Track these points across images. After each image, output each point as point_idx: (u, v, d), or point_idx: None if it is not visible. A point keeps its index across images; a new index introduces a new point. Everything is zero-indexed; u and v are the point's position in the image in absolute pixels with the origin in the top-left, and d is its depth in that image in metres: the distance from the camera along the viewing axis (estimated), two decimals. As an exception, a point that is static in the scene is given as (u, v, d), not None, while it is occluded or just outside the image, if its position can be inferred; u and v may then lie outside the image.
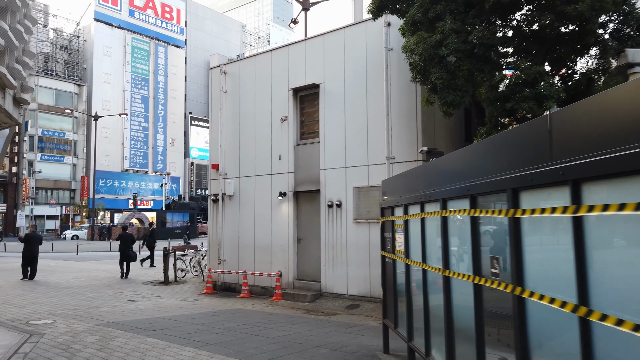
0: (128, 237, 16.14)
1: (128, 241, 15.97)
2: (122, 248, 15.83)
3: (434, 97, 7.53)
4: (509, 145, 2.90)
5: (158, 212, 38.56)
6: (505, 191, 2.72)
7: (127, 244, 15.89)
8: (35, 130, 51.92)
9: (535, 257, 2.58)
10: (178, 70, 67.14)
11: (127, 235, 16.32)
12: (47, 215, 51.07)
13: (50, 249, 29.14)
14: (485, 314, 3.10)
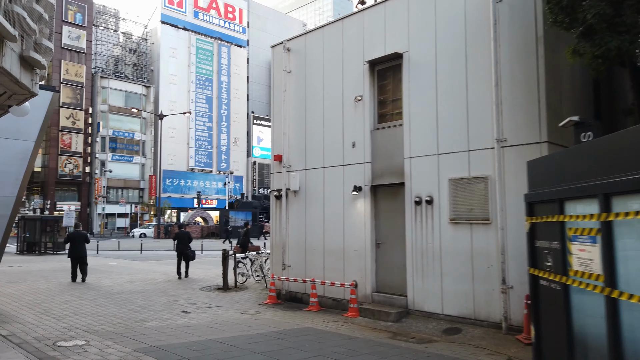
0: (185, 236, 15.06)
1: (185, 239, 14.83)
2: (179, 247, 14.71)
3: (584, 46, 5.30)
4: None
5: (221, 211, 38.09)
6: None
7: (184, 242, 14.74)
8: (107, 131, 53.69)
9: None
10: (240, 70, 67.36)
11: (184, 233, 15.27)
12: (117, 213, 52.64)
13: (116, 247, 29.23)
14: None
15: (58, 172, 50.13)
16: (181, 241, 14.86)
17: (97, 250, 25.32)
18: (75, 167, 51.36)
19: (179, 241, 14.88)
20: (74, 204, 51.67)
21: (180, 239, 14.94)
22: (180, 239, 14.94)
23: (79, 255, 13.25)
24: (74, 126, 51.65)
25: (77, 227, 15.35)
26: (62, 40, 51.31)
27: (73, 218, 21.22)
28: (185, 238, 15.01)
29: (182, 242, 14.84)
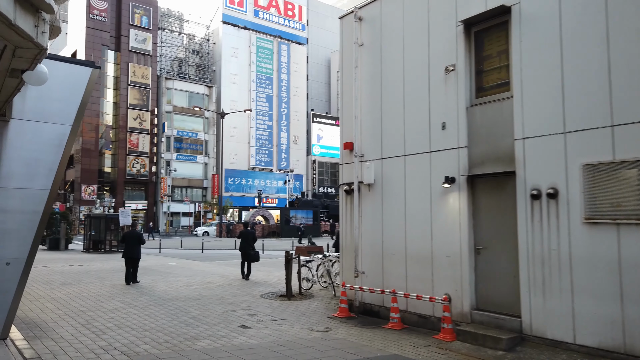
0: (249, 235, 13.93)
1: (249, 239, 13.81)
2: (243, 246, 13.72)
3: None
4: None
5: (282, 209, 37.17)
6: None
7: (248, 242, 13.75)
8: (171, 132, 54.71)
9: None
10: (300, 68, 66.64)
11: (249, 232, 14.18)
12: (182, 212, 53.46)
13: (179, 245, 29.01)
14: None
15: (126, 171, 51.70)
16: (245, 240, 13.87)
17: (160, 249, 25.04)
18: (142, 166, 52.74)
19: (242, 240, 13.91)
20: (141, 202, 53.09)
21: (244, 238, 13.88)
22: (244, 238, 13.88)
23: (132, 256, 12.44)
24: (141, 127, 53.06)
25: (134, 226, 14.69)
26: (130, 43, 52.88)
27: (129, 216, 20.71)
28: (249, 237, 14.00)
29: (246, 242, 13.85)
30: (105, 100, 52.12)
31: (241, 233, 14.32)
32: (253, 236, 14.32)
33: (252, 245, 13.97)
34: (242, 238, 14.00)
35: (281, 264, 17.23)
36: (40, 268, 15.57)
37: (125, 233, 13.64)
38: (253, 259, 13.97)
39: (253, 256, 13.97)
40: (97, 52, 51.20)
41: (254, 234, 14.52)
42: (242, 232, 14.28)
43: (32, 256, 6.29)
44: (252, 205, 55.54)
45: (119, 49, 52.67)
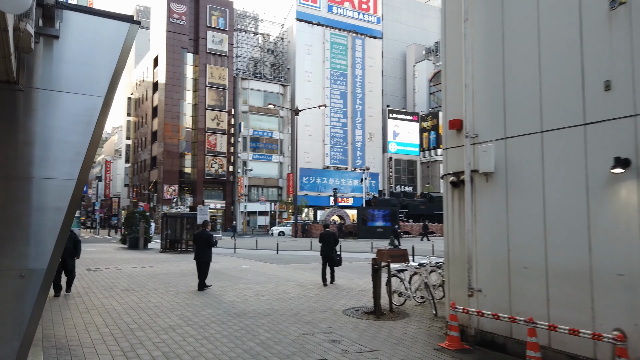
0: (330, 237, 12.39)
1: (331, 242, 12.31)
2: (325, 250, 12.22)
3: None
4: None
5: (359, 209, 35.20)
6: None
7: (330, 245, 12.25)
8: (247, 131, 54.81)
9: None
10: (375, 62, 64.28)
11: (329, 234, 12.55)
12: (258, 211, 53.30)
13: (254, 245, 28.06)
14: None
15: (205, 172, 52.49)
16: (327, 244, 12.32)
17: (234, 249, 24.12)
18: (220, 166, 53.31)
19: (324, 244, 12.34)
20: (220, 202, 53.68)
21: (325, 241, 12.35)
22: (325, 241, 12.35)
23: (202, 259, 11.15)
24: (219, 127, 53.66)
25: (205, 225, 13.14)
26: (207, 45, 53.69)
27: (207, 215, 19.73)
28: (331, 240, 12.42)
29: (327, 245, 12.31)
30: (185, 102, 53.32)
31: (322, 236, 12.69)
32: (335, 238, 12.70)
33: (333, 248, 12.40)
34: (323, 241, 12.46)
35: (362, 270, 15.32)
36: (112, 270, 14.91)
37: (195, 234, 12.42)
38: (336, 263, 12.33)
39: (336, 260, 12.36)
40: (177, 55, 52.50)
41: (335, 236, 12.86)
42: (323, 235, 12.64)
43: (53, 266, 4.83)
44: (327, 205, 54.17)
45: (197, 51, 53.66)
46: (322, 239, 12.54)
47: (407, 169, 65.72)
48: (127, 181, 66.94)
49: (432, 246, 22.93)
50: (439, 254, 19.18)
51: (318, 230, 36.85)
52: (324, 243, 12.36)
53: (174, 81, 52.08)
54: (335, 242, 12.53)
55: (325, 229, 13.34)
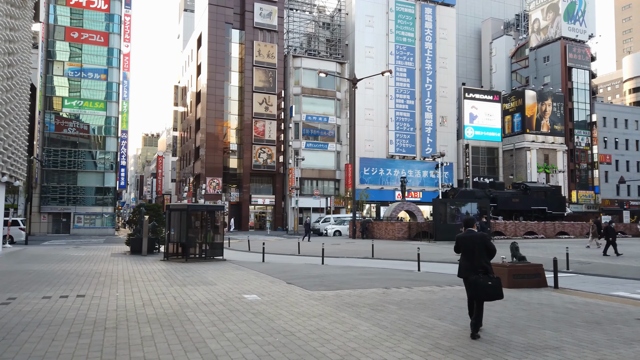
0: (478, 242, 6.34)
1: (480, 252, 6.30)
2: (468, 267, 6.34)
3: None
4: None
5: (436, 201, 27.06)
6: None
7: (477, 257, 6.29)
8: (300, 116, 48.10)
9: None
10: (448, 34, 55.18)
11: (475, 238, 6.38)
12: (312, 207, 46.35)
13: (295, 249, 20.92)
14: None
15: (252, 162, 46.36)
16: (470, 255, 6.31)
17: (263, 255, 17.02)
18: (269, 156, 47.02)
19: (466, 253, 6.38)
20: (269, 197, 47.41)
21: (468, 249, 6.35)
22: (468, 249, 6.35)
23: None
24: (267, 112, 47.37)
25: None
26: (254, 19, 47.53)
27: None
28: (478, 248, 6.30)
29: (472, 258, 6.30)
30: (230, 85, 47.49)
31: (461, 240, 6.45)
32: (487, 245, 6.31)
33: (486, 263, 6.28)
34: (465, 247, 6.38)
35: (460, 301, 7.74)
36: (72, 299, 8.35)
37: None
38: (490, 296, 6.13)
39: (489, 291, 6.08)
40: (221, 31, 46.80)
41: (486, 241, 6.37)
42: (464, 238, 6.42)
43: None
44: (391, 200, 46.22)
45: (243, 27, 47.66)
46: (462, 245, 6.43)
47: (486, 157, 56.02)
48: (174, 176, 62.65)
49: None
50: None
51: (381, 229, 29.09)
52: (466, 252, 6.35)
53: (218, 61, 46.37)
54: (489, 251, 6.26)
55: (468, 227, 6.55)
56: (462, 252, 6.39)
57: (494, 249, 6.29)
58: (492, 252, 6.24)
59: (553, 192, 35.63)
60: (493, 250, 6.26)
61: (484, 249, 6.22)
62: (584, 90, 59.95)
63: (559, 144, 57.22)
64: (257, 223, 47.55)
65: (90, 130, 42.78)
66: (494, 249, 6.29)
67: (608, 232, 17.79)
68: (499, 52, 69.59)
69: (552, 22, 60.20)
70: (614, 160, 61.75)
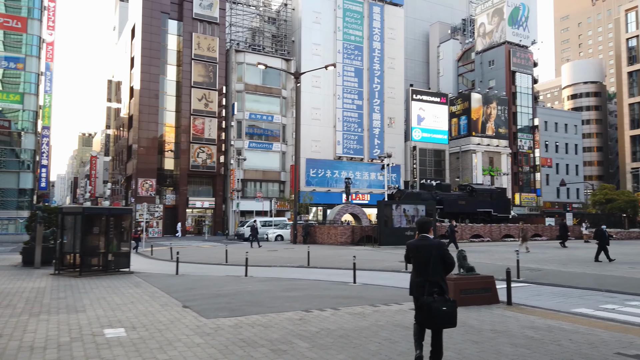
0: (434, 252, 4.90)
1: (433, 265, 4.85)
2: (420, 284, 4.86)
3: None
4: None
5: (380, 203, 25.47)
6: None
7: (431, 270, 4.82)
8: (243, 114, 45.52)
9: None
10: (396, 34, 54.40)
11: (432, 247, 4.95)
12: (255, 211, 43.81)
13: (223, 258, 18.49)
14: None
15: (190, 163, 43.26)
16: (423, 269, 4.94)
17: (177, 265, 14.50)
18: (208, 156, 44.09)
19: (418, 268, 5.00)
20: (208, 199, 44.45)
21: (419, 264, 4.99)
22: (419, 264, 4.99)
23: None
24: (207, 109, 44.44)
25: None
26: (193, 9, 44.53)
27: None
28: (433, 261, 4.88)
29: (424, 272, 4.89)
30: (166, 79, 44.16)
31: (413, 249, 5.08)
32: (443, 255, 4.93)
33: (442, 279, 4.92)
34: (418, 259, 5.00)
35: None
36: None
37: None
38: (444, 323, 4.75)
39: (444, 315, 4.71)
40: (157, 21, 43.47)
41: (443, 250, 5.00)
42: (417, 247, 5.05)
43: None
44: (339, 203, 44.51)
45: (181, 17, 44.55)
46: (412, 257, 5.09)
47: (433, 159, 55.65)
48: (106, 177, 58.10)
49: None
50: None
51: (324, 234, 27.16)
52: (418, 267, 5.00)
53: (152, 53, 42.99)
54: (446, 265, 4.95)
55: (423, 232, 5.16)
56: (413, 264, 5.01)
57: (453, 262, 4.98)
58: (449, 266, 4.96)
59: (498, 195, 35.13)
60: (451, 264, 4.96)
61: (440, 262, 4.87)
62: (527, 95, 61.05)
63: (503, 147, 57.82)
64: (196, 227, 44.43)
65: (12, 126, 38.28)
66: (453, 262, 4.98)
67: (600, 236, 16.50)
68: (446, 55, 69.92)
69: (497, 27, 60.97)
70: (554, 163, 63.30)
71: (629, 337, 6.18)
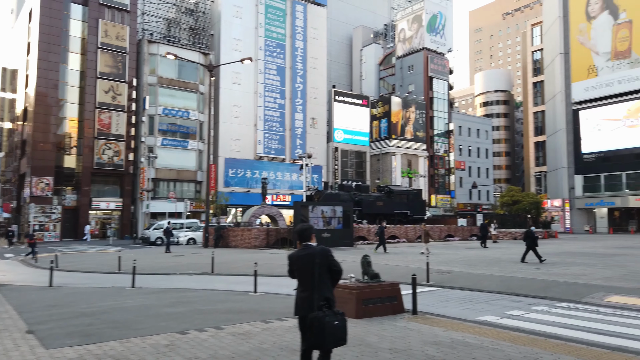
0: (317, 259, 4.19)
1: (318, 271, 4.17)
2: (307, 297, 4.18)
3: None
4: None
5: (297, 204, 24.51)
6: None
7: (317, 279, 4.16)
8: (155, 109, 42.62)
9: None
10: (319, 34, 54.05)
11: (314, 255, 4.21)
12: (168, 212, 41.07)
13: (115, 266, 16.46)
14: None
15: (94, 160, 39.65)
16: (306, 277, 4.24)
17: (51, 278, 12.42)
18: (115, 154, 40.69)
19: (302, 282, 4.29)
20: (115, 200, 41.01)
21: (303, 272, 4.27)
22: (303, 272, 4.27)
23: None
24: (115, 102, 41.03)
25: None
26: (100, -7, 40.96)
27: None
28: (318, 269, 4.20)
29: (308, 281, 4.22)
30: (68, 68, 40.16)
31: (296, 261, 4.31)
32: (330, 263, 4.26)
33: (330, 291, 4.25)
34: (302, 271, 4.22)
35: None
36: None
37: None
38: (336, 340, 4.01)
39: (336, 331, 3.98)
40: (58, 4, 39.44)
41: (329, 257, 4.28)
42: (299, 258, 4.26)
43: None
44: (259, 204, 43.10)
45: (87, 3, 40.79)
46: (296, 270, 4.29)
47: (355, 161, 55.99)
48: None
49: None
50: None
51: (237, 237, 25.70)
52: (303, 281, 4.22)
53: (52, 39, 38.89)
54: (333, 273, 4.28)
55: (304, 240, 4.36)
56: (297, 277, 4.28)
57: (340, 269, 4.31)
58: (336, 274, 4.29)
59: (415, 196, 35.67)
60: (338, 271, 4.30)
61: (326, 271, 4.21)
62: (443, 100, 63.45)
63: (421, 150, 59.56)
64: (101, 231, 40.81)
65: None
66: (340, 269, 4.31)
67: (529, 237, 16.44)
68: (368, 59, 71.02)
69: (417, 33, 62.79)
70: (467, 166, 66.45)
71: (535, 351, 5.60)
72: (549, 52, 59.30)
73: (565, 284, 11.30)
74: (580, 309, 8.52)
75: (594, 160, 50.88)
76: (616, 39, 49.27)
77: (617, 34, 49.22)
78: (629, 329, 6.92)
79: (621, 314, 8.02)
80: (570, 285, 11.08)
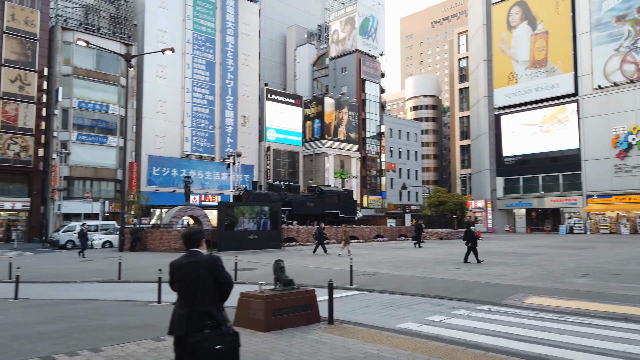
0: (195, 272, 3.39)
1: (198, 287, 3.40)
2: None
3: None
4: None
5: (221, 205, 23.29)
6: None
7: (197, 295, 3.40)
8: (70, 102, 39.30)
9: None
10: (251, 31, 52.68)
11: (193, 265, 3.46)
12: (84, 213, 37.85)
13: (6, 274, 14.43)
14: None
15: (-3, 155, 35.75)
16: (188, 296, 3.45)
17: None
18: (23, 149, 36.95)
19: (182, 296, 3.50)
20: (21, 200, 37.23)
21: (185, 286, 3.48)
22: (185, 286, 3.48)
23: None
24: (22, 93, 37.27)
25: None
26: (5, -28, 37.04)
27: None
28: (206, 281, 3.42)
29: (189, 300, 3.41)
30: (-34, 52, 35.92)
31: (177, 270, 3.49)
32: (217, 275, 3.46)
33: (216, 307, 3.46)
34: (182, 283, 3.48)
35: None
36: None
37: None
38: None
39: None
40: (-47, -20, 35.07)
41: (217, 268, 3.48)
42: (181, 267, 3.47)
43: None
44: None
45: (-11, -20, 36.71)
46: (176, 280, 3.47)
47: (288, 161, 55.17)
48: None
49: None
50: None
51: (156, 239, 23.96)
52: (183, 295, 3.42)
53: (-54, 18, 34.53)
54: (221, 286, 3.42)
55: (191, 246, 3.53)
56: (177, 290, 3.51)
57: (229, 283, 3.54)
58: (225, 287, 3.50)
59: (345, 196, 35.48)
60: (228, 285, 3.52)
61: (212, 284, 3.43)
62: (375, 103, 64.31)
63: (353, 151, 59.92)
64: (6, 233, 36.87)
65: None
66: (229, 283, 3.54)
67: (469, 237, 16.14)
68: (302, 59, 70.49)
69: (350, 35, 63.16)
70: (398, 168, 67.89)
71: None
72: (473, 59, 61.97)
73: (487, 285, 11.16)
74: (501, 312, 8.23)
75: (513, 163, 53.71)
76: (534, 49, 52.37)
77: (535, 43, 52.32)
78: (548, 333, 6.63)
79: (540, 316, 7.80)
80: (492, 286, 10.94)
